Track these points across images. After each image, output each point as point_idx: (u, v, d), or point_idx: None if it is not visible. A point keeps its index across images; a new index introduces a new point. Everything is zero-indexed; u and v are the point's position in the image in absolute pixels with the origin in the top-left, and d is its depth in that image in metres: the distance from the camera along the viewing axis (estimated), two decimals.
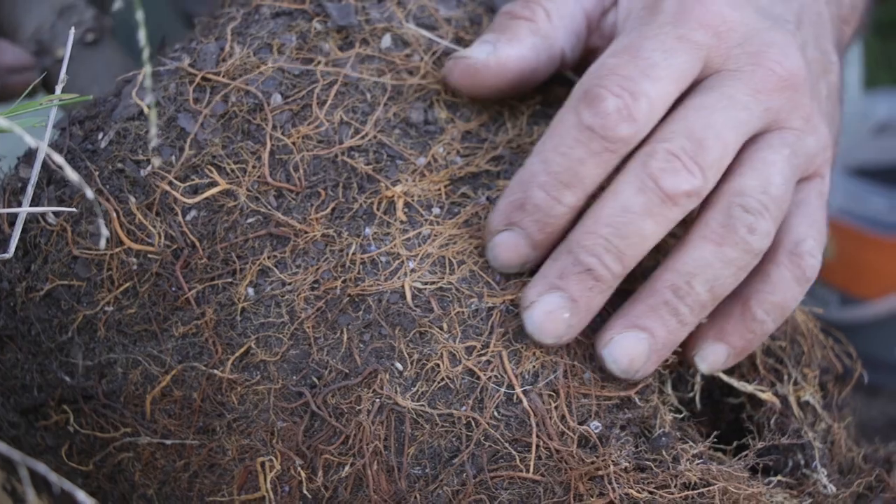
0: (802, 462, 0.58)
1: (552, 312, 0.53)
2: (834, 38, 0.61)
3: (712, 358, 0.56)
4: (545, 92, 0.60)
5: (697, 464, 0.53)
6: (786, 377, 0.59)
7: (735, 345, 0.56)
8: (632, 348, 0.53)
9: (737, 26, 0.55)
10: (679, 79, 0.54)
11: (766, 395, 0.58)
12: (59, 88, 0.56)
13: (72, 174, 0.46)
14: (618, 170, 0.53)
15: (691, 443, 0.54)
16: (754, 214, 0.53)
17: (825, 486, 0.57)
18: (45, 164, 0.55)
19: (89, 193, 0.47)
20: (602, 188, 0.54)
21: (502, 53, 0.56)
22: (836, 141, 0.62)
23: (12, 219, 0.55)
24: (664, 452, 0.53)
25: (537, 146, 0.54)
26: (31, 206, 0.55)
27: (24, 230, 0.55)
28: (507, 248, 0.54)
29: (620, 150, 0.53)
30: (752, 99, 0.54)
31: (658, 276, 0.54)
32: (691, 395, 0.58)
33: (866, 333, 0.94)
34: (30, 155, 0.56)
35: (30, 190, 0.55)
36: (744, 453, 0.55)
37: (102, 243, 0.54)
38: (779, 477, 0.56)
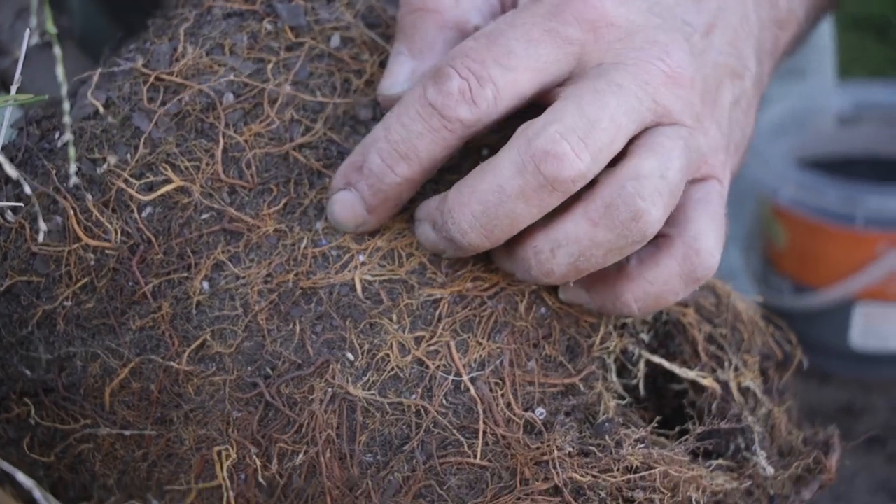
0: (743, 445, 0.60)
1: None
2: (757, 44, 0.60)
3: (571, 296, 0.57)
4: None
5: (639, 448, 0.56)
6: (727, 363, 0.62)
7: (596, 303, 0.57)
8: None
9: (619, 22, 0.54)
10: (538, 71, 0.53)
11: (708, 381, 0.61)
12: (14, 89, 0.58)
13: (10, 170, 0.48)
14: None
15: (634, 428, 0.57)
16: (646, 200, 0.52)
17: (764, 469, 0.60)
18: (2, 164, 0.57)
19: (27, 189, 0.49)
20: None
21: (415, 77, 0.56)
22: (746, 147, 0.61)
23: None
24: (607, 437, 0.56)
25: (387, 115, 0.55)
26: None
27: None
28: (344, 206, 0.56)
29: (459, 132, 0.53)
30: (640, 89, 0.53)
31: (529, 233, 0.54)
32: (635, 382, 0.60)
33: (819, 321, 0.97)
34: None
35: None
36: (684, 437, 0.58)
37: (41, 237, 0.56)
38: (720, 460, 0.58)
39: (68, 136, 0.57)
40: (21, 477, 0.45)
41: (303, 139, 0.58)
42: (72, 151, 0.57)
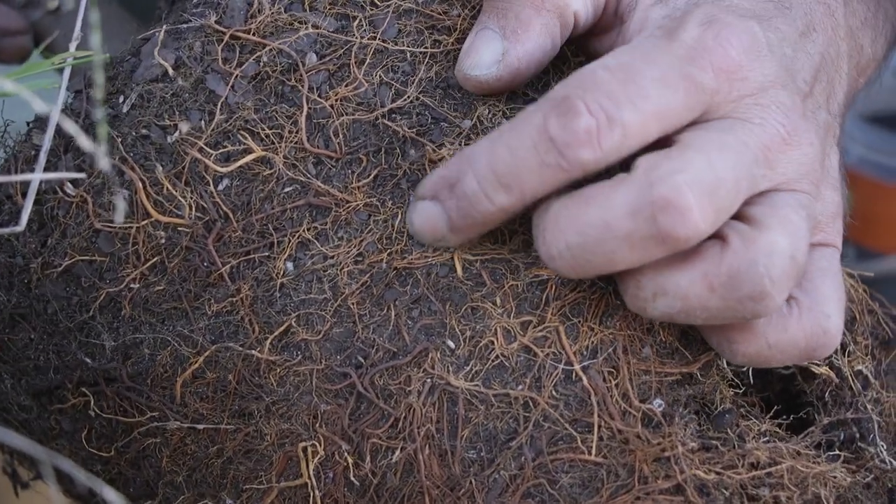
0: (857, 435, 0.59)
1: None
2: (844, 98, 0.59)
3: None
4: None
5: (764, 442, 0.54)
6: (839, 347, 0.60)
7: (705, 332, 0.55)
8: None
9: (752, 76, 0.52)
10: (667, 119, 0.51)
11: (822, 369, 0.59)
12: (73, 46, 0.55)
13: (85, 142, 0.45)
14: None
15: (754, 420, 0.55)
16: (775, 283, 0.50)
17: (884, 461, 0.58)
18: (62, 131, 0.54)
19: (104, 164, 0.46)
20: None
21: (512, 59, 0.54)
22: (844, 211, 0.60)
23: (26, 189, 0.55)
24: (728, 431, 0.54)
25: (495, 131, 0.51)
26: (47, 175, 0.54)
27: (39, 202, 0.54)
28: (426, 218, 0.53)
29: (573, 173, 0.50)
30: (762, 154, 0.52)
31: (636, 270, 0.52)
32: (744, 368, 0.58)
33: (883, 288, 0.95)
34: (42, 120, 0.55)
35: (42, 157, 0.54)
36: (809, 430, 0.56)
37: (120, 217, 0.54)
38: (843, 453, 0.57)
39: (98, 111, 0.54)
40: (109, 493, 0.42)
41: (394, 104, 0.55)
42: (102, 131, 0.54)
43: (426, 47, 0.56)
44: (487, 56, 0.54)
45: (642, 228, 0.49)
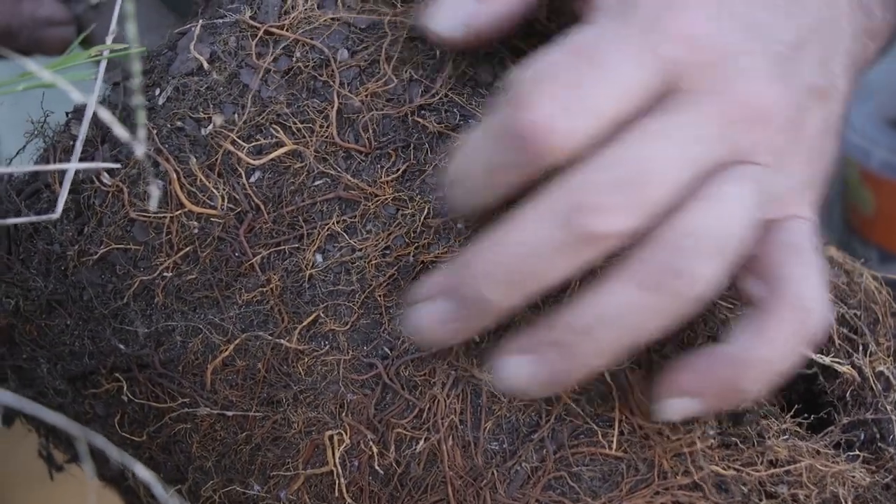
0: (878, 436, 0.58)
1: (433, 319, 0.50)
2: (847, 59, 0.54)
3: (678, 409, 0.51)
4: None
5: (783, 440, 0.53)
6: (861, 347, 0.59)
7: (710, 403, 0.51)
8: (514, 374, 0.49)
9: (713, 42, 0.49)
10: (631, 96, 0.47)
11: (845, 368, 0.58)
12: (109, 39, 0.55)
13: (121, 131, 0.45)
14: None
15: (773, 418, 0.55)
16: (705, 258, 0.46)
17: None
18: (99, 122, 0.54)
19: (139, 152, 0.46)
20: None
21: (475, 23, 0.52)
22: (827, 178, 0.55)
23: (63, 178, 0.55)
24: (749, 429, 0.53)
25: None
26: (83, 164, 0.54)
27: (76, 191, 0.54)
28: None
29: (539, 165, 0.46)
30: (717, 130, 0.48)
31: (566, 312, 0.48)
32: None
33: None
34: (81, 111, 0.55)
35: (79, 146, 0.54)
36: (829, 429, 0.55)
37: (155, 204, 0.54)
38: (863, 453, 0.56)
39: (139, 99, 0.54)
40: (140, 469, 0.42)
41: (422, 100, 0.54)
42: (141, 116, 0.54)
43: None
44: (455, 11, 0.52)
45: (568, 236, 0.46)
